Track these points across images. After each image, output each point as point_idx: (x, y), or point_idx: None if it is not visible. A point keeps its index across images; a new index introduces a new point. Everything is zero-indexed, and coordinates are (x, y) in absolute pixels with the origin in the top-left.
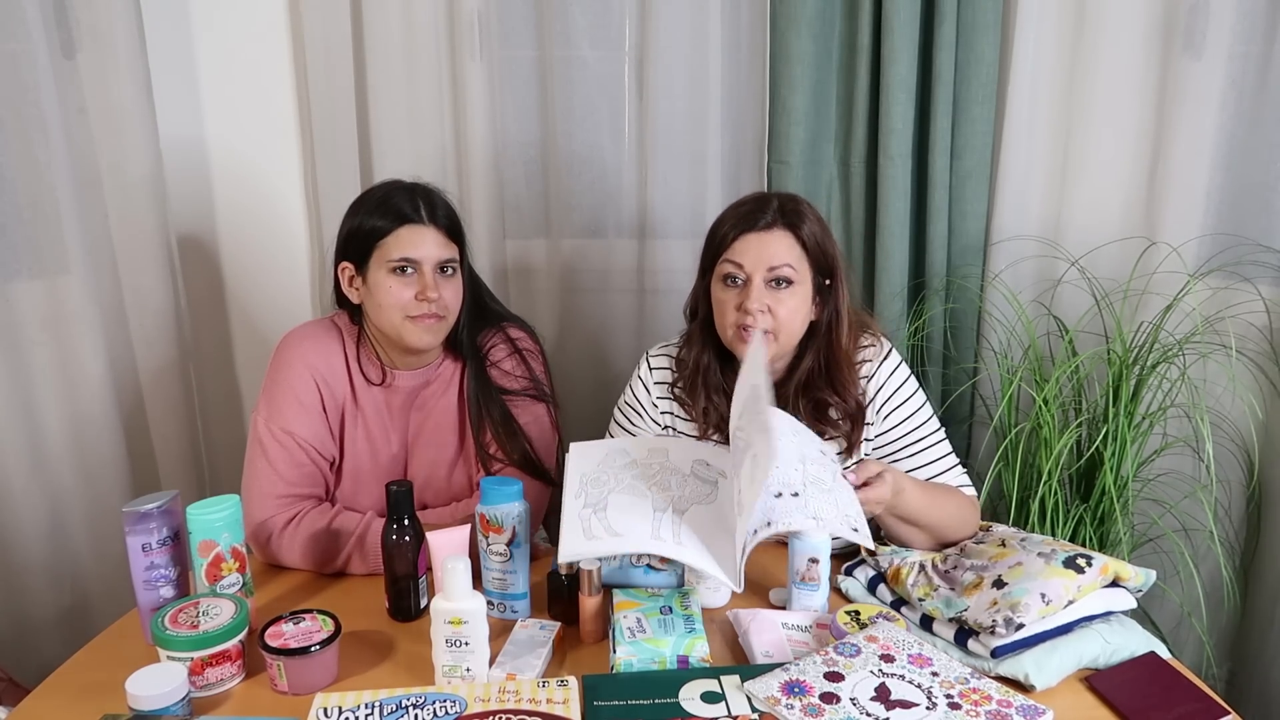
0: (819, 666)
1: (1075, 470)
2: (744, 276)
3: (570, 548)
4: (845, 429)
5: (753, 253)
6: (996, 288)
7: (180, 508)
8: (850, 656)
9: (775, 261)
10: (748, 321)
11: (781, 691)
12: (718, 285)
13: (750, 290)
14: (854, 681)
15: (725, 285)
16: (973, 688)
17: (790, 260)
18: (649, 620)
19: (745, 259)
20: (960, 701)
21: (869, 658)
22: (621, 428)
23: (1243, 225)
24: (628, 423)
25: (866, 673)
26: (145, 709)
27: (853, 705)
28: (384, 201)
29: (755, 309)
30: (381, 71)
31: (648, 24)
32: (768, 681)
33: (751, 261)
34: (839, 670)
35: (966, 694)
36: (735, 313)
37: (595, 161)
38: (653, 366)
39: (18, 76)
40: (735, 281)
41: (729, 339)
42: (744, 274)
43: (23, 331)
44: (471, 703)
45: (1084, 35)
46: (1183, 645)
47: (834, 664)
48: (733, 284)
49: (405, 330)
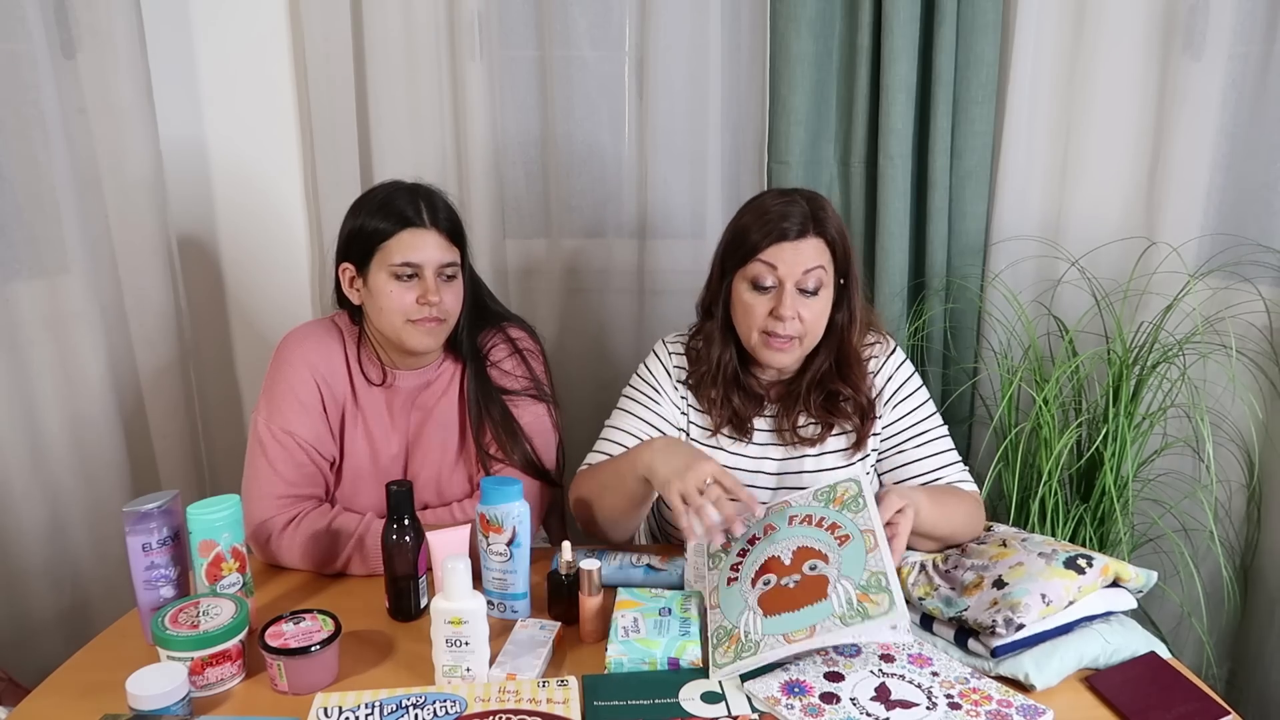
0: (819, 666)
1: (1075, 470)
2: (775, 282)
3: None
4: (855, 423)
5: (787, 260)
6: (996, 288)
7: (180, 508)
8: (850, 656)
9: (809, 265)
10: (778, 329)
11: (781, 691)
12: (743, 286)
13: (783, 297)
14: (854, 681)
15: (754, 290)
16: (973, 687)
17: (822, 264)
18: (645, 620)
19: (780, 265)
20: (960, 701)
21: (869, 658)
22: (636, 406)
23: (1243, 225)
24: (648, 400)
25: (866, 672)
26: (145, 709)
27: (853, 705)
28: (386, 203)
29: (788, 316)
30: (381, 72)
31: (648, 24)
32: (768, 681)
33: (786, 268)
34: (839, 670)
35: (966, 694)
36: (765, 319)
37: (595, 162)
38: (671, 352)
39: (18, 76)
40: (765, 287)
41: (753, 343)
42: (776, 278)
43: (23, 331)
44: (471, 703)
45: (1084, 35)
46: (1183, 645)
47: (834, 664)
48: (762, 289)
49: (406, 333)
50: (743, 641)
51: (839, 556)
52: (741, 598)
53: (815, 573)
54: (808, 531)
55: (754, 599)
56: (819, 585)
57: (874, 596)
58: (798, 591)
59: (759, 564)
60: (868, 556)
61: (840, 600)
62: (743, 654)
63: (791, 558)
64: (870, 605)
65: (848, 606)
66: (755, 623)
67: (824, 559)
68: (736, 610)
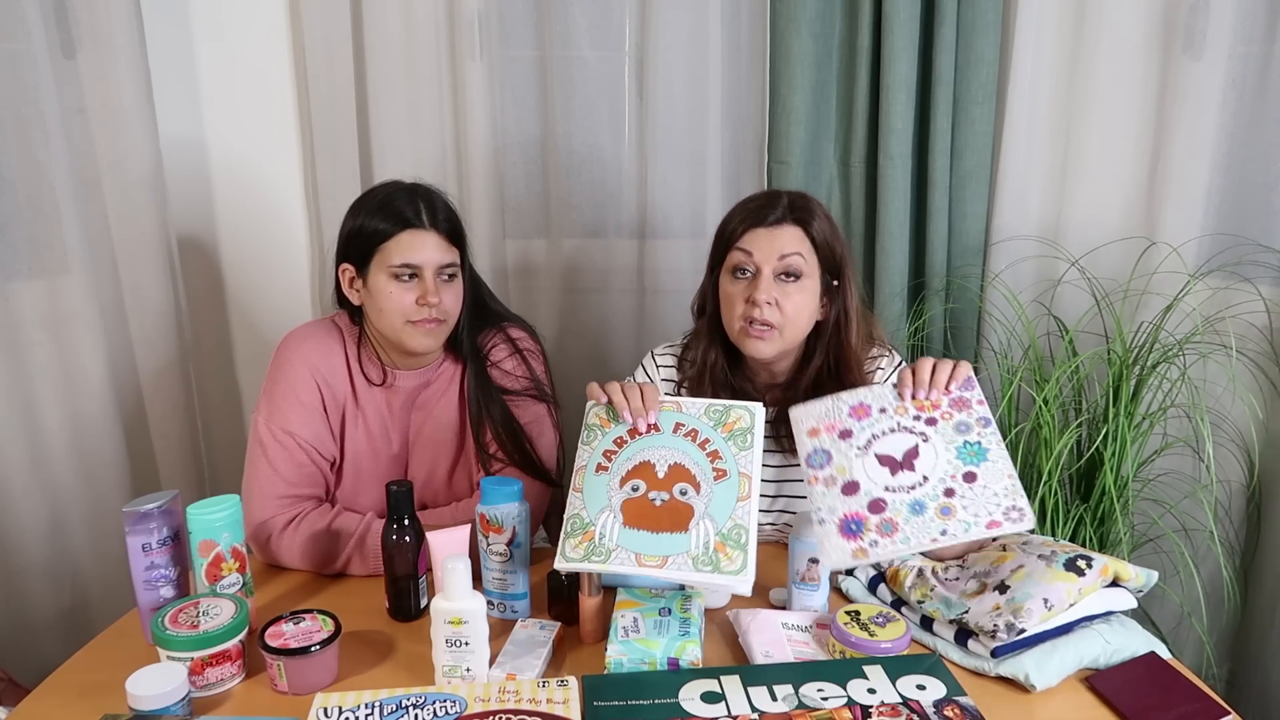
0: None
1: (1075, 470)
2: (753, 267)
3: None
4: None
5: (763, 245)
6: (996, 288)
7: (180, 508)
8: (820, 467)
9: (786, 250)
10: (755, 314)
11: (847, 537)
12: (726, 279)
13: (759, 282)
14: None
15: (734, 278)
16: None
17: (800, 250)
18: (645, 620)
19: (756, 250)
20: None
21: (840, 446)
22: None
23: (1243, 225)
24: None
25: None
26: (145, 709)
27: (886, 491)
28: (385, 204)
29: (763, 300)
30: (381, 71)
31: (648, 24)
32: (839, 545)
33: (762, 252)
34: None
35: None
36: (743, 304)
37: (595, 161)
38: (659, 364)
39: (18, 76)
40: (744, 273)
41: (735, 332)
42: (753, 264)
43: (23, 331)
44: (471, 703)
45: (1084, 35)
46: (1183, 645)
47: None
48: (741, 276)
49: (406, 334)
50: (595, 543)
51: (710, 490)
52: (606, 494)
53: (684, 499)
54: (688, 448)
55: (618, 501)
56: (683, 514)
57: (730, 551)
58: (661, 512)
59: (633, 464)
60: (737, 504)
61: (698, 541)
62: (592, 556)
63: (666, 472)
64: (723, 558)
65: (702, 550)
66: (613, 527)
67: (696, 487)
68: (598, 505)
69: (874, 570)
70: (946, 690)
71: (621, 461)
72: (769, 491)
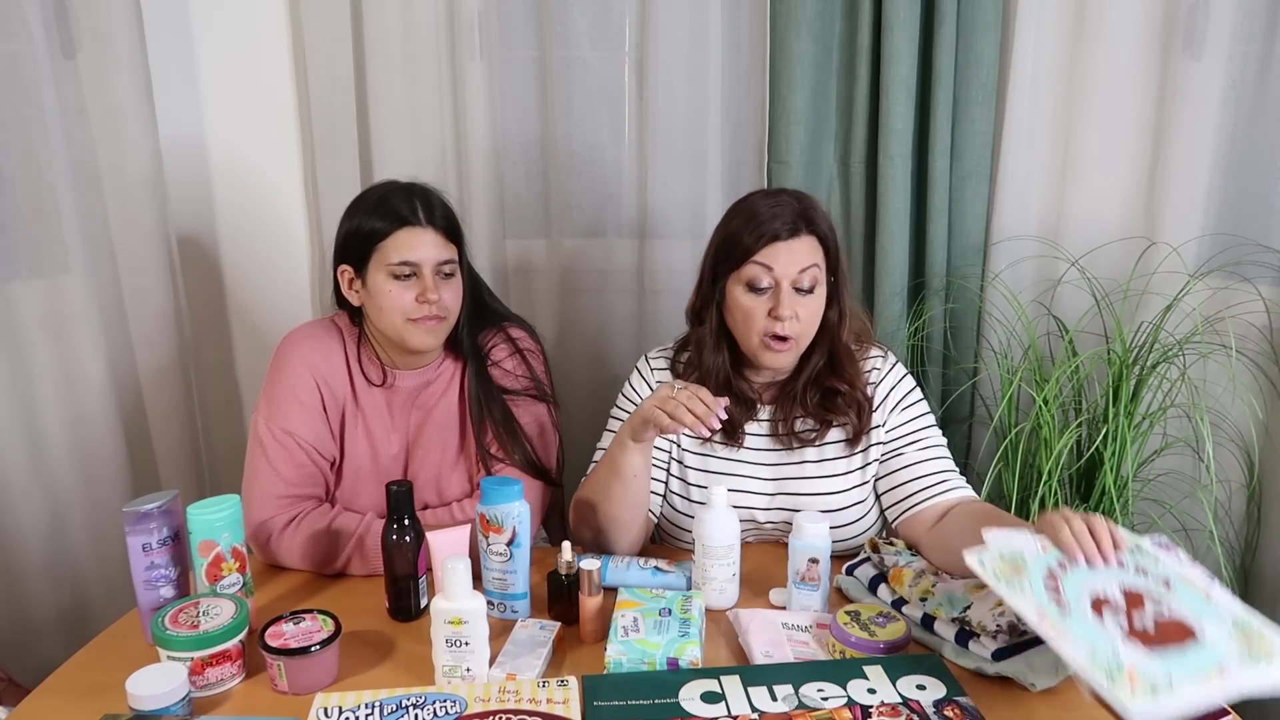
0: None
1: (1075, 470)
2: (772, 282)
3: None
4: (852, 418)
5: (782, 260)
6: (996, 288)
7: (180, 508)
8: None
9: (805, 264)
10: (778, 329)
11: None
12: (739, 291)
13: (781, 296)
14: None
15: (750, 291)
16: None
17: (816, 261)
18: (645, 620)
19: (776, 265)
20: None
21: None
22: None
23: (1243, 225)
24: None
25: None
26: (145, 709)
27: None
28: (381, 203)
29: (787, 315)
30: (381, 71)
31: (648, 24)
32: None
33: (782, 268)
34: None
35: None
36: (765, 320)
37: (595, 161)
38: (653, 368)
39: (18, 76)
40: (761, 288)
41: (753, 346)
42: (772, 279)
43: (23, 331)
44: (471, 703)
45: (1084, 35)
46: None
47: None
48: (758, 291)
49: (407, 333)
50: (1145, 680)
51: (1171, 596)
52: (1096, 627)
53: (1169, 617)
54: (1119, 573)
55: (1115, 629)
56: (1178, 628)
57: (1251, 637)
58: (1162, 630)
59: (1089, 594)
60: (1205, 602)
61: (1222, 638)
62: (1158, 693)
63: (1124, 597)
64: (1259, 645)
65: (1238, 644)
66: (1140, 657)
67: (1154, 600)
68: (1102, 640)
69: (874, 570)
70: (946, 690)
71: (1074, 593)
72: (766, 489)
